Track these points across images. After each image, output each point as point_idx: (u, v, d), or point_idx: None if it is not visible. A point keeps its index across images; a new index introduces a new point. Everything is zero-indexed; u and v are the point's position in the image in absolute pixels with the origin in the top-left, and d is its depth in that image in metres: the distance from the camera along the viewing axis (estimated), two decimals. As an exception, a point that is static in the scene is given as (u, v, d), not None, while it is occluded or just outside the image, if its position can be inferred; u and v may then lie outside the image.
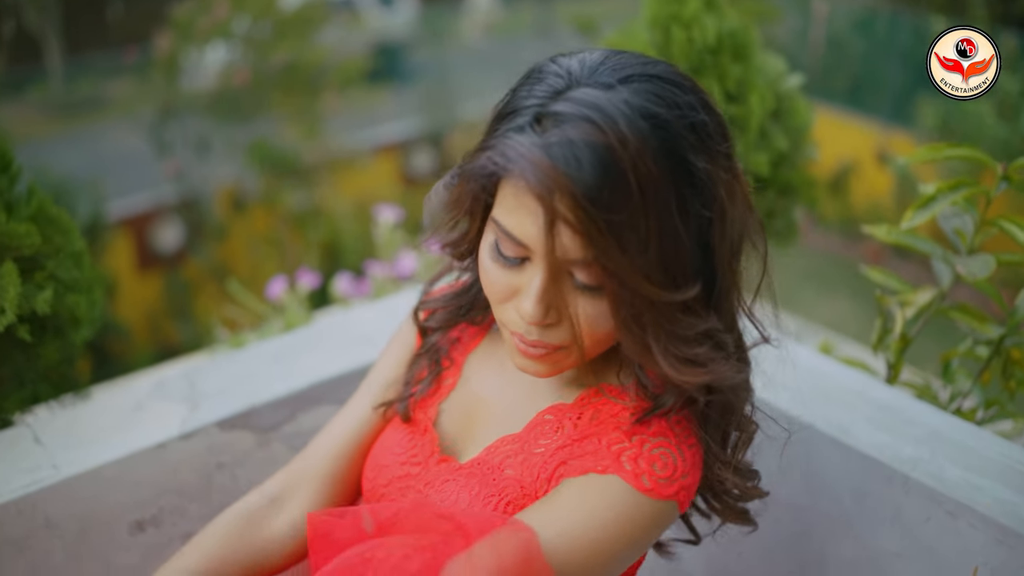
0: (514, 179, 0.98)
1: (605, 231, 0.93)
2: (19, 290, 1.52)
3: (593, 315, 1.02)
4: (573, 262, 0.98)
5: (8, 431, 1.55)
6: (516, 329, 1.05)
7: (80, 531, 1.47)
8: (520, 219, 0.99)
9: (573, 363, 1.08)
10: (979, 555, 1.34)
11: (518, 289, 1.03)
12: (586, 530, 1.02)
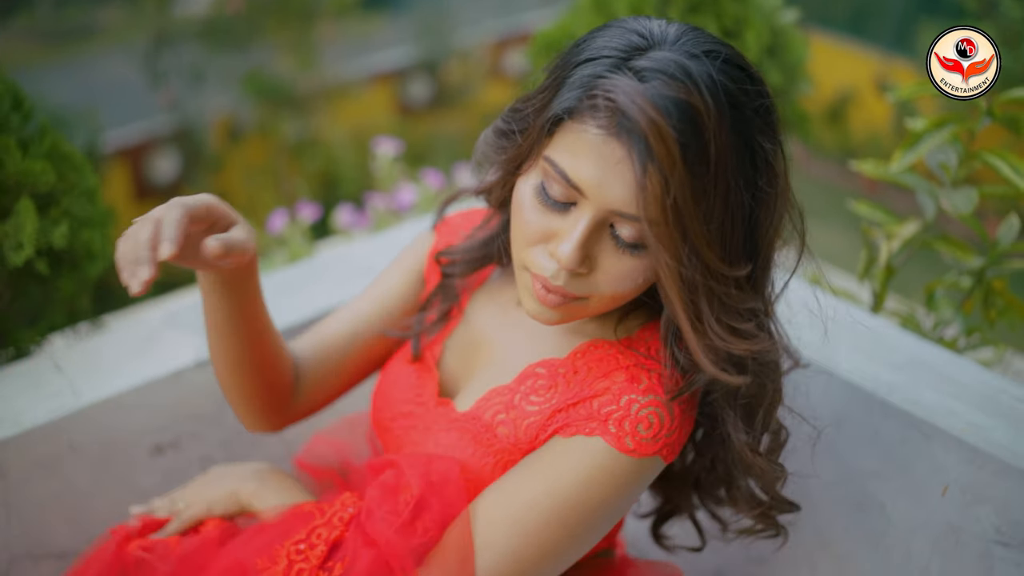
0: (592, 121, 1.00)
1: (686, 187, 0.97)
2: (36, 225, 1.58)
3: (623, 273, 1.06)
4: (625, 217, 1.01)
5: (29, 360, 1.63)
6: (541, 272, 1.07)
7: (103, 454, 1.55)
8: (582, 162, 1.01)
9: (582, 316, 1.12)
10: (950, 474, 1.42)
11: (554, 234, 1.06)
12: (570, 487, 1.09)
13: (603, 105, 0.99)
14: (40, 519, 1.51)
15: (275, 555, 1.13)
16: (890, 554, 1.51)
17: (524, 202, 1.08)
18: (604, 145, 1.00)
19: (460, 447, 1.19)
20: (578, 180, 1.02)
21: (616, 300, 1.10)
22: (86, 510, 1.55)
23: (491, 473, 1.16)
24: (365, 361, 1.42)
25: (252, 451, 1.70)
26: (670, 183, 0.96)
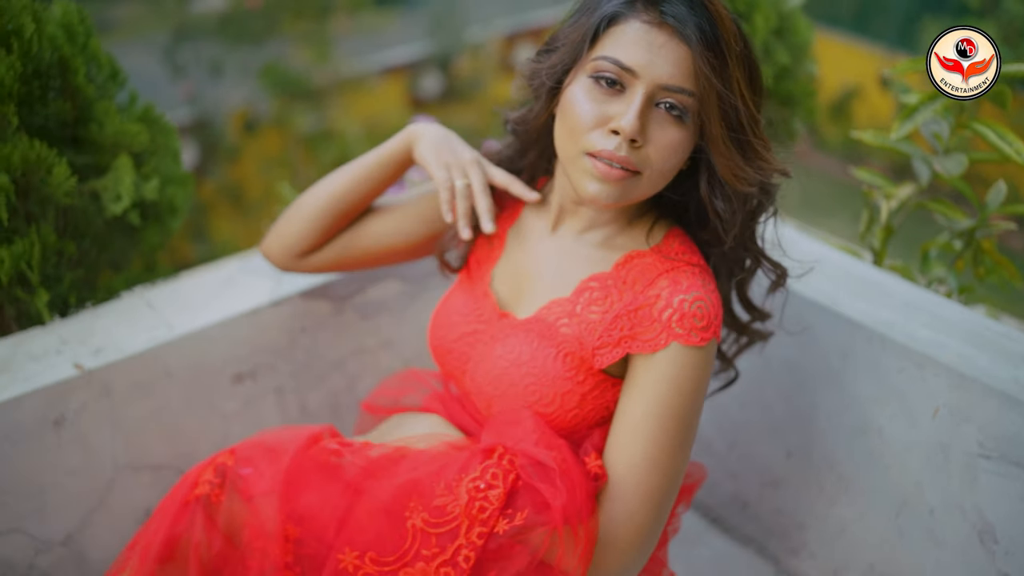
0: (636, 17, 1.28)
1: (719, 57, 1.26)
2: (133, 179, 1.79)
3: (670, 144, 1.30)
4: (673, 89, 1.27)
5: (123, 300, 1.83)
6: (605, 147, 1.29)
7: (192, 380, 1.76)
8: (631, 49, 1.27)
9: (636, 196, 1.33)
10: (941, 397, 1.62)
11: (610, 117, 1.29)
12: (675, 397, 1.32)
13: (648, 1, 1.28)
14: (139, 435, 1.72)
15: (454, 488, 1.28)
16: (888, 472, 1.71)
17: (577, 96, 1.32)
18: (648, 34, 1.27)
19: (524, 345, 1.39)
20: (631, 63, 1.27)
21: (664, 176, 1.33)
22: (178, 429, 1.76)
23: (553, 362, 1.37)
24: (374, 259, 1.69)
25: (319, 384, 1.90)
26: (714, 51, 1.26)
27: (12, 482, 1.61)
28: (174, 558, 1.30)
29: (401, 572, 1.25)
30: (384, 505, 1.27)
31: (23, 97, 1.72)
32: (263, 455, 1.35)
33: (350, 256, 1.68)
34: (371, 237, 1.66)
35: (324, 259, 1.68)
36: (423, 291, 1.98)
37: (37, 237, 1.74)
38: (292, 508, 1.30)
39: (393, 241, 1.66)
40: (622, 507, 1.31)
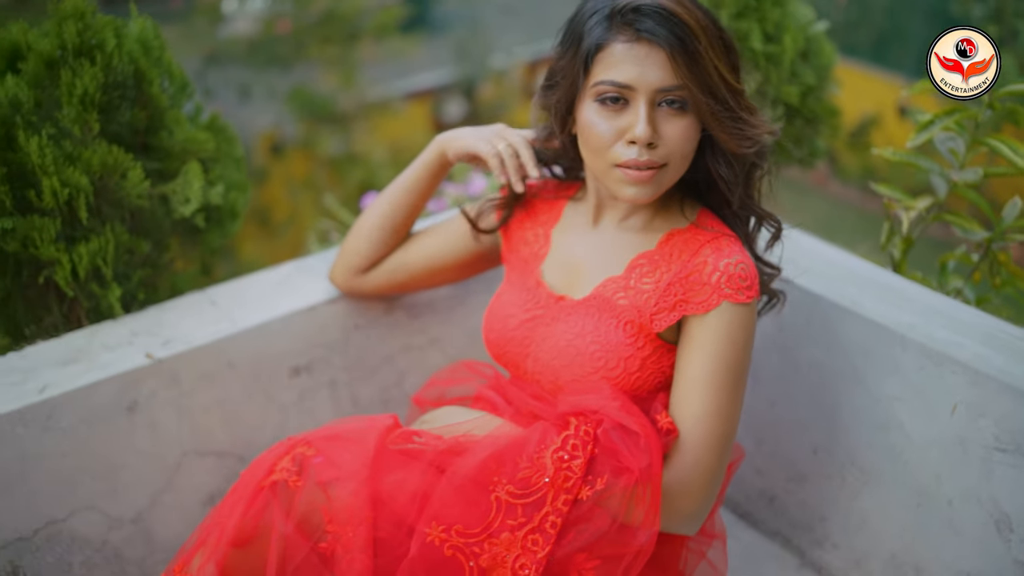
0: (617, 40, 1.44)
1: (698, 46, 1.43)
2: (201, 184, 1.92)
3: (681, 133, 1.46)
4: (667, 89, 1.43)
5: (187, 297, 1.96)
6: (627, 157, 1.46)
7: (252, 372, 1.88)
8: (622, 68, 1.44)
9: (667, 184, 1.49)
10: (959, 394, 1.72)
11: (623, 130, 1.46)
12: (730, 350, 1.47)
13: (621, 18, 1.44)
14: (204, 422, 1.84)
15: (537, 460, 1.41)
16: (908, 465, 1.80)
17: (591, 119, 1.49)
18: (631, 51, 1.44)
19: (587, 319, 1.54)
20: (626, 79, 1.44)
21: (685, 160, 1.49)
22: (239, 417, 1.88)
23: (615, 331, 1.51)
24: (421, 286, 1.92)
25: (370, 378, 2.02)
26: (688, 48, 1.43)
27: (88, 462, 1.73)
28: (248, 542, 1.40)
29: (487, 543, 1.36)
30: (469, 480, 1.40)
31: (103, 106, 1.85)
32: (339, 444, 1.47)
33: (402, 278, 1.87)
34: (420, 259, 1.85)
35: (379, 281, 1.87)
36: (468, 295, 2.10)
37: (112, 236, 1.87)
38: (372, 492, 1.42)
39: (440, 260, 1.84)
40: (691, 457, 1.45)
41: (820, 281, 1.94)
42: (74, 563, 1.74)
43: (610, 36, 1.46)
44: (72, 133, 1.84)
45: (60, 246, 1.81)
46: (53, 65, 1.86)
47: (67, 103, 1.82)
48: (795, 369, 1.97)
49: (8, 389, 1.70)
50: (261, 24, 10.47)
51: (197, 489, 1.85)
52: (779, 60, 2.43)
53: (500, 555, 1.37)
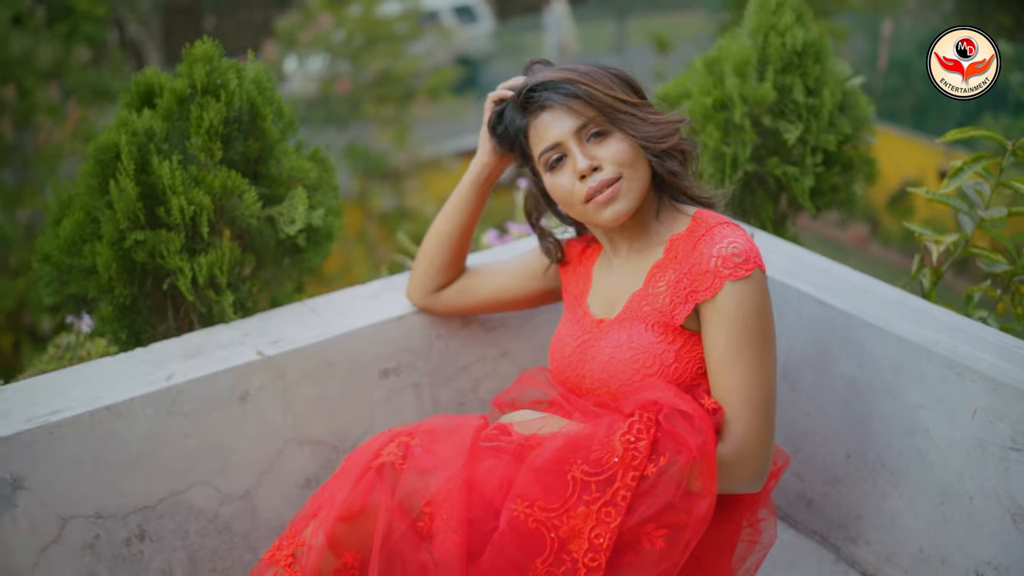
0: (529, 120, 1.81)
1: (592, 88, 1.75)
2: (305, 207, 2.19)
3: (613, 148, 1.75)
4: (581, 126, 1.75)
5: (290, 306, 2.22)
6: (588, 190, 1.73)
7: (348, 372, 2.13)
8: (542, 136, 1.78)
9: (632, 193, 1.75)
10: (978, 402, 1.92)
11: (573, 174, 1.76)
12: (739, 324, 1.68)
13: (524, 107, 1.81)
14: (304, 414, 2.08)
15: (607, 443, 1.63)
16: (933, 467, 2.00)
17: (551, 183, 1.81)
18: (541, 119, 1.79)
19: (622, 332, 1.78)
20: (551, 141, 1.78)
21: (637, 170, 1.77)
22: (335, 411, 2.12)
23: (646, 334, 1.75)
24: (490, 310, 2.20)
25: (449, 383, 2.26)
26: (576, 93, 1.75)
27: (205, 443, 1.98)
28: (355, 517, 1.62)
29: (565, 516, 1.59)
30: (548, 463, 1.62)
31: (224, 137, 2.14)
32: (438, 438, 1.70)
33: (470, 303, 2.16)
34: (487, 290, 2.14)
35: (450, 303, 2.15)
36: (536, 313, 2.34)
37: (227, 250, 2.14)
38: (466, 479, 1.64)
39: (505, 295, 2.14)
40: (739, 428, 1.67)
41: (853, 303, 2.16)
42: (190, 531, 1.98)
43: (524, 117, 1.82)
44: (198, 159, 2.13)
45: (183, 257, 2.09)
46: (183, 101, 2.15)
47: (195, 133, 2.11)
48: (829, 382, 2.18)
49: (139, 377, 1.96)
50: (320, 84, 10.91)
51: (296, 473, 2.09)
52: (819, 111, 2.68)
53: (577, 526, 1.60)
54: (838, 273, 2.30)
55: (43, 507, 1.84)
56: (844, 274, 2.31)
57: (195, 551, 1.99)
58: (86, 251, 2.13)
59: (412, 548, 1.62)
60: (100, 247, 2.11)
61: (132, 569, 1.93)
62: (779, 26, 2.56)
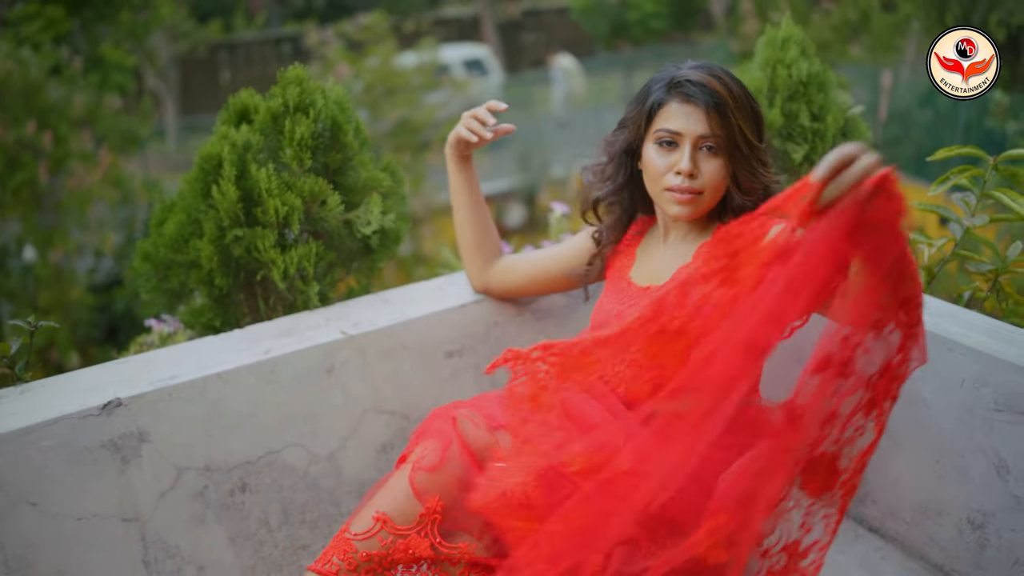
0: (673, 100, 2.00)
1: (729, 111, 1.97)
2: (380, 211, 2.51)
3: (714, 169, 2.00)
4: (705, 136, 1.99)
5: (364, 297, 2.54)
6: (674, 184, 2.01)
7: (418, 352, 2.44)
8: (675, 120, 2.00)
9: (703, 208, 2.04)
10: (966, 372, 2.22)
11: (672, 165, 2.01)
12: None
13: (675, 87, 2.00)
14: (381, 387, 2.39)
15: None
16: (928, 431, 2.30)
17: (651, 155, 2.04)
18: (681, 108, 1.99)
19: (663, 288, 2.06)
20: (677, 128, 1.99)
21: (717, 190, 2.02)
22: (406, 386, 2.43)
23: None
24: (535, 289, 2.47)
25: (502, 364, 2.56)
26: (720, 110, 1.96)
27: (298, 410, 2.29)
28: (439, 468, 1.91)
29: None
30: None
31: (312, 148, 2.47)
32: (498, 404, 2.01)
33: (515, 281, 2.45)
34: (527, 267, 2.43)
35: (499, 280, 2.45)
36: (579, 305, 2.66)
37: (313, 246, 2.46)
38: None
39: (548, 272, 2.40)
40: None
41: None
42: (284, 486, 2.28)
43: (668, 97, 2.03)
44: (290, 167, 2.46)
45: (276, 251, 2.41)
46: (276, 118, 2.49)
47: (288, 145, 2.44)
48: (839, 363, 2.49)
49: (242, 351, 2.28)
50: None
51: (374, 439, 2.40)
52: (823, 135, 3.02)
53: None
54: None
55: (162, 459, 2.14)
56: (849, 272, 2.63)
57: (288, 504, 2.29)
58: (190, 247, 2.45)
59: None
60: (202, 243, 2.43)
61: (235, 516, 2.22)
62: (786, 59, 2.91)
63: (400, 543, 1.89)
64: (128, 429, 2.09)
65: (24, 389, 2.14)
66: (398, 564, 1.92)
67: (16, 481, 1.98)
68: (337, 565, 1.88)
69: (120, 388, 2.12)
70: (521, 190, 12.74)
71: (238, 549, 2.22)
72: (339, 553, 1.88)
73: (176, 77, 17.33)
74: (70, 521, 2.04)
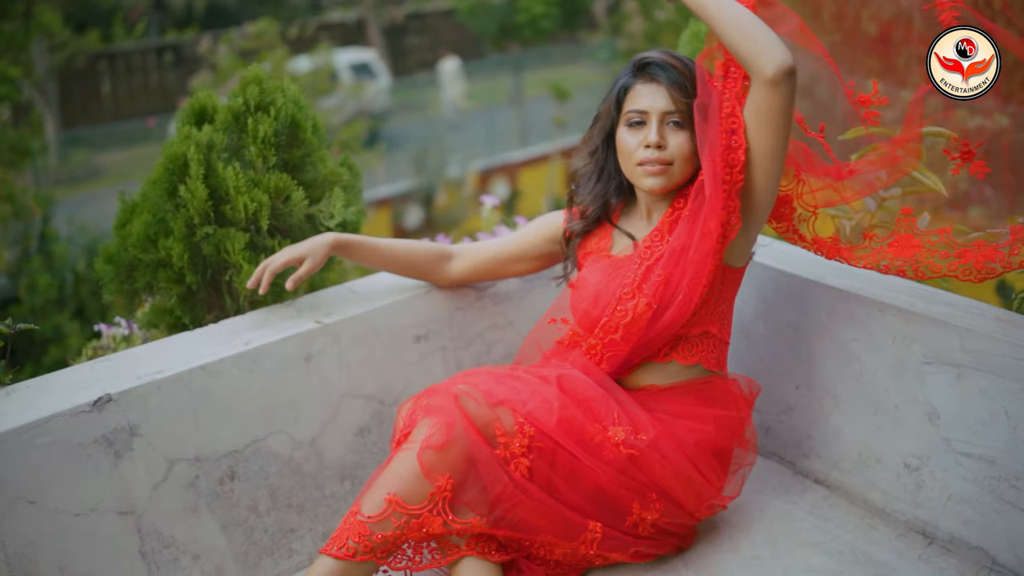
0: (637, 82, 2.22)
1: (692, 91, 2.17)
2: (342, 204, 2.61)
3: (680, 142, 2.19)
4: (669, 112, 2.18)
5: (330, 289, 2.63)
6: (646, 157, 2.19)
7: (389, 337, 2.54)
8: (640, 100, 2.20)
9: (675, 180, 2.21)
10: (897, 330, 2.44)
11: (642, 140, 2.19)
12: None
13: (639, 70, 2.22)
14: (356, 373, 2.49)
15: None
16: (865, 386, 2.51)
17: (623, 136, 2.24)
18: (646, 87, 2.21)
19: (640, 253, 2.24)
20: (643, 107, 2.21)
21: (687, 161, 2.21)
22: (380, 369, 2.53)
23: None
24: (498, 274, 2.59)
25: (468, 347, 2.69)
26: (680, 86, 2.18)
27: (279, 398, 2.37)
28: (447, 446, 2.00)
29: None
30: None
31: (275, 145, 2.55)
32: (491, 380, 2.14)
33: (482, 266, 2.56)
34: (507, 257, 2.54)
35: (464, 275, 2.57)
36: (533, 288, 2.80)
37: (280, 245, 2.54)
38: (526, 413, 2.07)
39: (514, 251, 2.54)
40: None
41: (792, 266, 2.68)
42: (270, 472, 2.36)
43: (633, 80, 2.24)
44: (254, 164, 2.53)
45: (246, 254, 2.48)
46: (238, 117, 2.56)
47: (252, 143, 2.52)
48: (778, 330, 2.69)
49: (221, 344, 2.34)
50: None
51: (352, 423, 2.49)
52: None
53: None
54: (779, 247, 2.83)
55: (154, 451, 2.20)
56: (784, 247, 2.84)
57: (275, 489, 2.36)
58: (160, 246, 2.50)
59: (493, 473, 2.03)
60: (172, 242, 2.48)
61: (225, 504, 2.29)
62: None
63: (413, 523, 1.98)
64: (119, 424, 2.14)
65: (9, 391, 2.17)
66: (410, 542, 2.02)
67: (14, 480, 2.02)
68: (353, 548, 1.96)
69: (108, 384, 2.17)
70: (418, 192, 12.83)
71: (230, 536, 2.29)
72: (354, 536, 1.97)
73: (55, 89, 16.79)
74: (68, 517, 2.08)
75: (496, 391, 2.10)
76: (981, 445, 2.26)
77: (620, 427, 2.14)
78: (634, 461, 2.14)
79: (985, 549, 2.26)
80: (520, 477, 2.04)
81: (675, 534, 2.30)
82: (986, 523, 2.26)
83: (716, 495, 2.30)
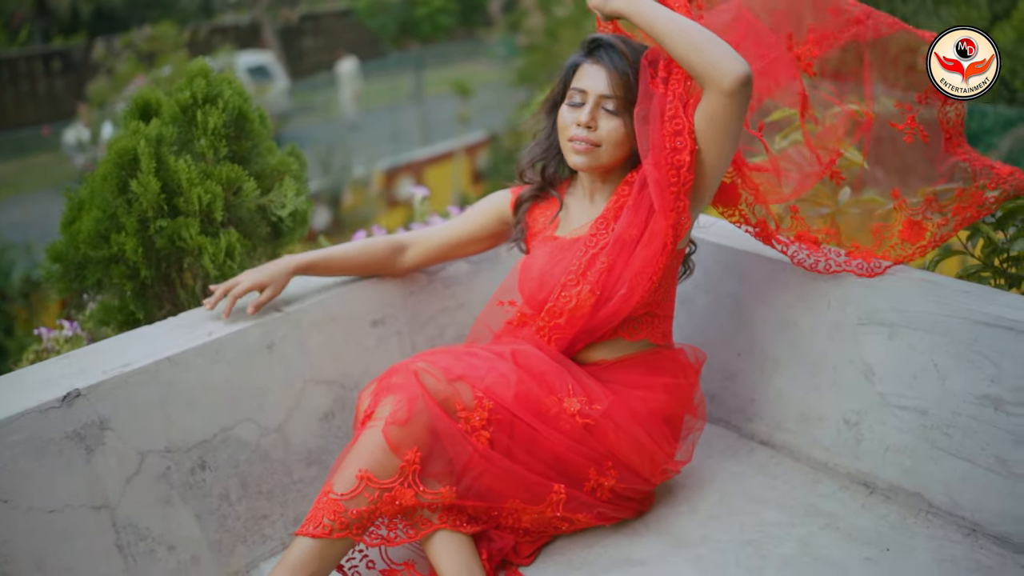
0: (584, 61, 2.31)
1: (627, 72, 2.25)
2: (294, 194, 2.64)
3: (611, 127, 2.28)
4: (606, 96, 2.26)
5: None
6: (576, 134, 2.28)
7: (346, 322, 2.58)
8: (583, 80, 2.29)
9: (602, 161, 2.30)
10: (832, 295, 2.59)
11: (578, 118, 2.27)
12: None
13: (590, 51, 2.31)
14: (317, 358, 2.52)
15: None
16: (803, 350, 2.66)
17: (563, 113, 2.33)
18: (591, 68, 2.29)
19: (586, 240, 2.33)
20: (584, 87, 2.30)
21: (616, 146, 2.30)
22: (339, 354, 2.57)
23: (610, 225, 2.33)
24: (449, 256, 2.66)
25: (422, 330, 2.75)
26: (621, 72, 2.25)
27: (246, 386, 2.39)
28: (409, 421, 2.06)
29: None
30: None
31: (224, 136, 2.57)
32: (449, 357, 2.21)
33: (434, 250, 2.63)
34: (454, 244, 2.62)
35: (416, 262, 2.64)
36: (480, 271, 2.87)
37: (232, 235, 2.56)
38: (485, 388, 2.15)
39: (470, 239, 2.62)
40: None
41: (731, 239, 2.82)
42: (240, 460, 2.38)
43: (582, 59, 2.33)
44: (206, 156, 2.55)
45: (204, 237, 2.49)
46: (186, 110, 2.57)
47: (202, 135, 2.53)
48: (718, 301, 2.82)
49: (184, 335, 2.35)
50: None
51: (316, 408, 2.52)
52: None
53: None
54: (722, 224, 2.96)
55: (125, 444, 2.20)
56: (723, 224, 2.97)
57: (245, 477, 2.38)
58: (112, 241, 2.49)
59: (458, 445, 2.11)
60: (124, 237, 2.48)
61: (198, 494, 2.30)
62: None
63: (386, 496, 2.04)
64: (89, 418, 2.14)
65: (-27, 391, 2.15)
66: (384, 516, 2.07)
67: (-14, 478, 2.01)
68: (329, 525, 2.01)
69: (76, 379, 2.17)
70: (324, 192, 12.74)
71: (204, 525, 2.30)
72: (329, 514, 2.02)
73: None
74: (43, 514, 2.07)
75: (454, 367, 2.17)
76: (914, 397, 2.42)
77: (575, 398, 2.23)
78: (590, 430, 2.23)
79: (921, 494, 2.42)
80: (482, 447, 2.12)
81: (633, 499, 2.40)
82: (921, 470, 2.42)
83: (669, 461, 2.41)
